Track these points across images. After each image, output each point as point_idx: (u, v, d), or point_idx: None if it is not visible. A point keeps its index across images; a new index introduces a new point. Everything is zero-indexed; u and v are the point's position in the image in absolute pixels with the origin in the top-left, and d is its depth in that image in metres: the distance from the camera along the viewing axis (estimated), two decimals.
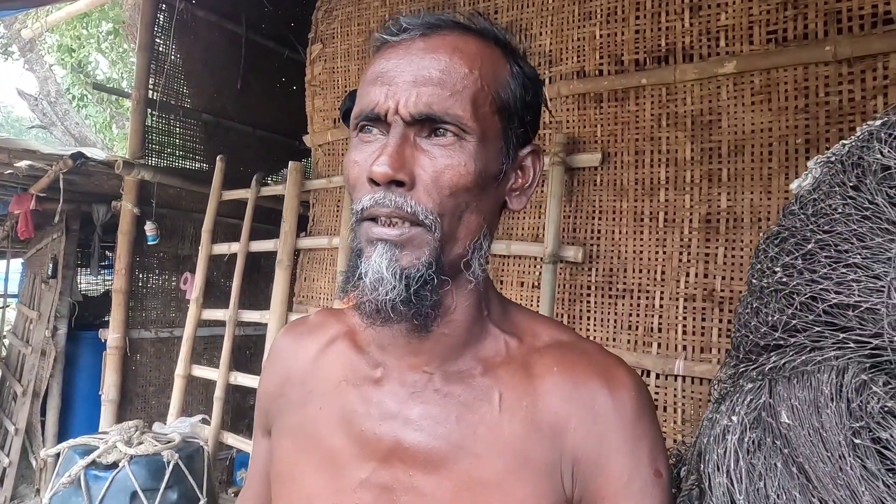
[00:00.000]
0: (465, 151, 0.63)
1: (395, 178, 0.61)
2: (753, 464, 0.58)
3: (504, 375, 0.69)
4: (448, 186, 0.62)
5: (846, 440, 0.50)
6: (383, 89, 0.63)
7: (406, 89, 0.62)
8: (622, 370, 0.70)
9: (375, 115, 0.64)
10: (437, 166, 0.62)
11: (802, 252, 0.60)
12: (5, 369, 5.70)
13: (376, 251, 0.62)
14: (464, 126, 0.63)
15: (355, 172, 0.66)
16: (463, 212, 0.64)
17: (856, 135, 0.66)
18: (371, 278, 0.62)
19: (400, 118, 0.62)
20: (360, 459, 0.69)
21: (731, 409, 0.64)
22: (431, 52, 0.64)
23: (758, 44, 2.04)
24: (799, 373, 0.57)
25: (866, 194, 0.57)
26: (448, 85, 0.62)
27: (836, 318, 0.55)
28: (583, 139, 2.38)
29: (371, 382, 0.72)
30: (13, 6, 3.84)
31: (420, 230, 0.62)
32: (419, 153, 0.63)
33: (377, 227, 0.63)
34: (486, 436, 0.66)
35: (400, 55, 0.64)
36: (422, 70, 0.63)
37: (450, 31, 0.66)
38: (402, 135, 0.62)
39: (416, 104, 0.62)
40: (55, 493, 2.37)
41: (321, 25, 3.43)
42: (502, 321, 0.74)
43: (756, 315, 0.67)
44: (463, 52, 0.64)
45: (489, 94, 0.65)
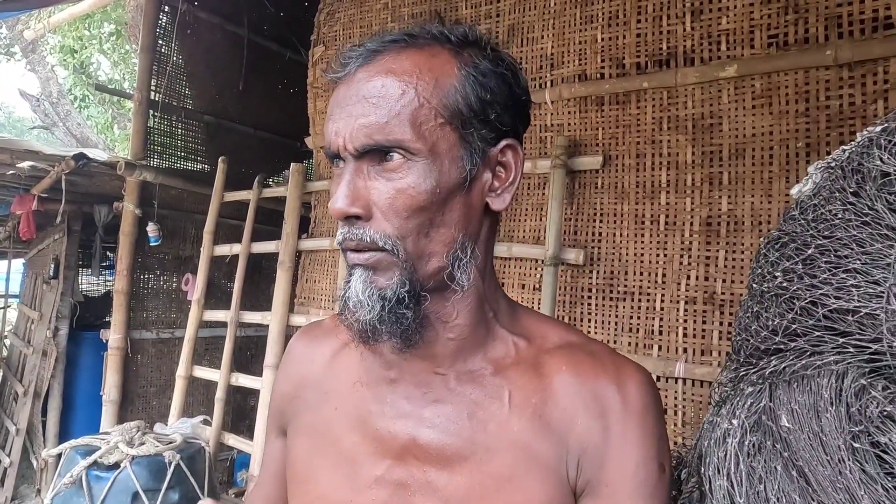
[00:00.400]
0: (414, 172, 0.64)
1: (349, 213, 0.64)
2: (754, 467, 0.59)
3: (514, 375, 0.71)
4: (403, 209, 0.64)
5: (846, 444, 0.50)
6: (333, 127, 0.66)
7: (348, 125, 0.64)
8: (631, 367, 0.72)
9: (332, 153, 0.67)
10: (389, 192, 0.64)
11: (803, 257, 0.61)
12: (6, 369, 5.71)
13: (354, 276, 0.66)
14: (408, 147, 0.63)
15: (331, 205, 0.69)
16: (428, 229, 0.66)
17: (856, 141, 0.67)
18: (352, 301, 0.66)
19: (349, 153, 0.65)
20: (376, 457, 0.71)
21: (732, 413, 0.65)
22: (367, 81, 0.64)
23: (759, 48, 2.05)
24: (799, 377, 0.57)
25: (866, 200, 0.57)
26: (384, 111, 0.63)
27: (835, 322, 0.56)
28: (584, 142, 2.38)
29: (385, 383, 0.74)
30: (16, 7, 3.86)
31: (384, 255, 0.65)
32: (372, 182, 0.65)
33: (352, 254, 0.67)
34: (497, 432, 0.68)
35: (343, 90, 0.66)
36: (359, 102, 0.64)
37: (386, 53, 0.66)
38: (354, 169, 0.65)
39: (357, 137, 0.64)
40: (57, 493, 2.37)
41: (323, 28, 3.43)
42: (511, 323, 0.75)
43: (756, 319, 0.67)
44: (395, 73, 0.64)
45: (432, 107, 0.64)
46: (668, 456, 0.70)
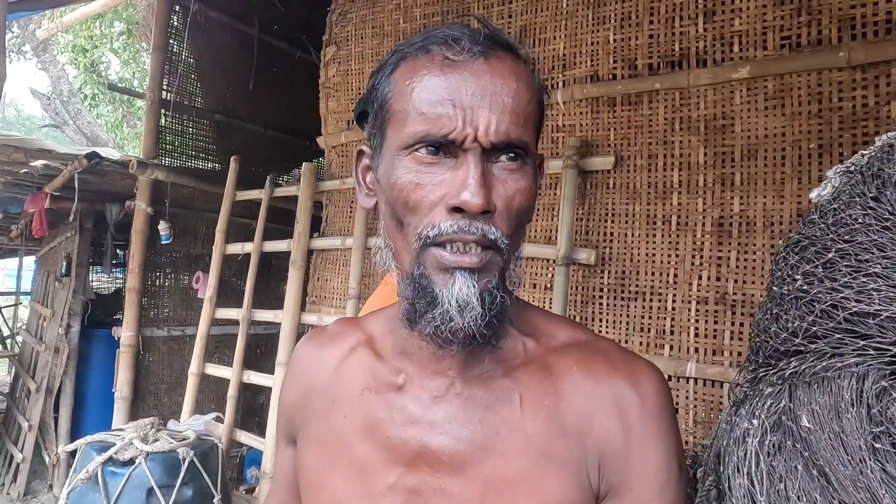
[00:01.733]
0: (528, 175, 0.66)
1: (487, 208, 0.62)
2: (774, 466, 0.60)
3: (523, 376, 0.71)
4: (517, 210, 0.65)
5: (866, 444, 0.51)
6: (458, 114, 0.62)
7: (485, 116, 0.62)
8: (642, 365, 0.72)
9: (450, 140, 0.63)
10: (509, 192, 0.64)
11: (823, 261, 0.62)
12: (19, 366, 5.76)
13: (458, 279, 0.62)
14: (528, 151, 0.65)
15: (418, 196, 0.64)
16: (519, 230, 0.68)
17: (875, 146, 0.68)
18: (456, 306, 0.62)
19: (479, 145, 0.62)
20: (387, 465, 0.70)
21: (752, 413, 0.66)
22: (500, 78, 0.64)
23: (771, 49, 2.05)
24: (819, 378, 0.58)
25: (886, 205, 0.58)
26: (519, 112, 0.64)
27: (856, 325, 0.57)
28: (596, 142, 2.39)
29: (394, 389, 0.73)
30: (31, 7, 3.90)
31: (493, 254, 0.63)
32: (493, 179, 0.64)
33: (451, 255, 0.63)
34: (509, 436, 0.68)
35: (466, 77, 0.63)
36: (496, 96, 0.63)
37: (504, 54, 0.66)
38: (481, 161, 0.63)
39: (497, 132, 0.62)
40: (73, 488, 2.41)
41: (335, 28, 3.45)
42: (519, 322, 0.75)
43: (776, 321, 0.68)
44: (524, 79, 0.66)
45: (537, 116, 0.68)
46: (683, 454, 0.71)
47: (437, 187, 0.63)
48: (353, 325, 0.85)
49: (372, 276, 3.11)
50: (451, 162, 0.64)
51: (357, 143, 3.35)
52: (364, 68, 3.31)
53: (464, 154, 0.63)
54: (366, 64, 3.30)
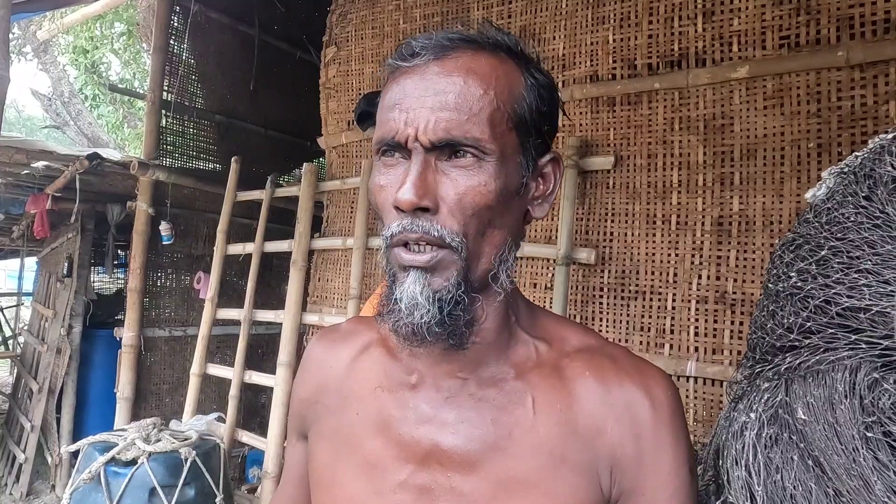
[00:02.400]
0: (485, 171, 0.65)
1: (420, 204, 0.63)
2: (771, 458, 0.62)
3: (536, 379, 0.71)
4: (471, 207, 0.64)
5: (859, 434, 0.53)
6: (402, 116, 0.65)
7: (424, 116, 0.64)
8: (653, 371, 0.73)
9: (395, 142, 0.65)
10: (459, 189, 0.64)
11: (816, 258, 0.63)
12: (21, 367, 5.78)
13: (409, 277, 0.65)
14: (483, 147, 0.64)
15: (382, 197, 0.68)
16: (486, 229, 0.66)
17: (868, 147, 0.69)
18: (406, 303, 0.64)
19: (420, 144, 0.64)
20: (399, 462, 0.71)
21: (749, 407, 0.68)
22: (446, 76, 0.65)
23: (770, 49, 2.06)
24: (814, 372, 0.60)
25: (877, 204, 0.60)
26: (465, 108, 0.64)
27: (848, 320, 0.58)
28: (596, 142, 2.41)
29: (407, 388, 0.74)
30: (32, 8, 3.91)
31: (447, 252, 0.64)
32: (441, 177, 0.65)
33: (407, 254, 0.65)
34: (522, 437, 0.68)
35: (415, 80, 0.66)
36: (438, 95, 0.64)
37: (462, 52, 0.67)
38: (423, 161, 0.64)
39: (436, 130, 0.63)
40: (75, 488, 2.42)
41: (336, 28, 3.47)
42: (531, 326, 0.76)
43: (772, 318, 0.70)
44: (476, 73, 0.65)
45: (505, 111, 0.66)
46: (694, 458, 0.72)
47: (392, 188, 0.66)
48: (366, 324, 0.86)
49: (373, 276, 3.12)
50: (406, 164, 0.66)
51: (357, 144, 3.37)
52: (364, 69, 3.32)
53: (411, 155, 0.65)
54: (366, 64, 3.31)
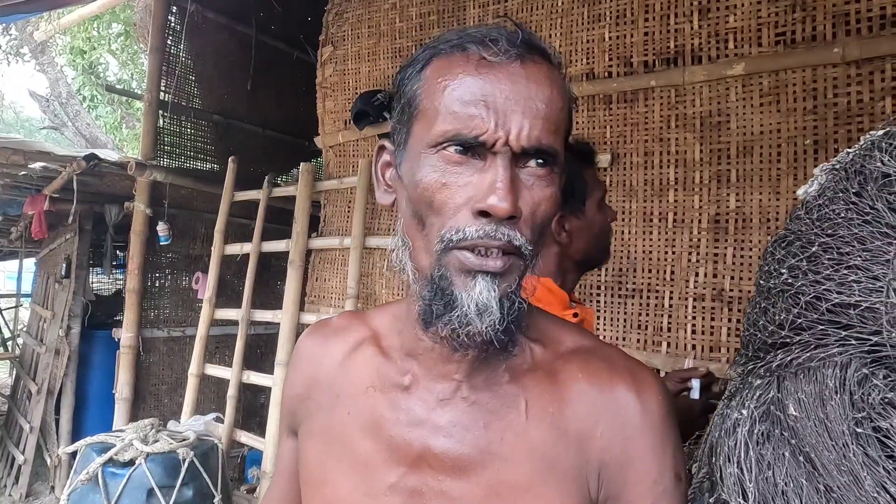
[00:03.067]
0: (554, 183, 0.65)
1: (514, 213, 0.61)
2: (763, 454, 0.61)
3: (530, 383, 0.71)
4: (541, 217, 0.64)
5: (849, 429, 0.53)
6: (491, 116, 0.61)
7: (517, 120, 0.61)
8: (646, 375, 0.72)
9: (480, 142, 0.61)
10: (535, 199, 0.63)
11: (807, 254, 0.63)
12: (20, 368, 5.78)
13: (479, 283, 0.62)
14: (557, 159, 0.64)
15: (443, 196, 0.63)
16: (542, 238, 0.66)
17: (859, 143, 0.69)
18: (475, 310, 0.61)
19: (510, 149, 0.61)
20: (390, 464, 0.70)
21: (741, 404, 0.67)
22: (535, 83, 0.62)
23: (766, 46, 2.06)
24: (805, 368, 0.60)
25: (867, 200, 0.60)
26: (552, 119, 0.63)
27: (838, 316, 0.58)
28: (592, 140, 2.41)
29: (399, 389, 0.73)
30: (27, 9, 3.90)
31: (515, 259, 0.63)
32: (520, 185, 0.63)
33: (475, 258, 0.62)
34: (514, 441, 0.68)
35: (502, 80, 0.62)
36: (529, 101, 0.62)
37: (541, 59, 0.65)
38: (510, 166, 0.61)
39: (529, 137, 0.61)
40: (73, 489, 2.42)
41: (332, 28, 3.47)
42: (527, 328, 0.73)
43: (764, 314, 0.70)
44: (557, 85, 0.65)
45: (567, 127, 0.67)
46: (684, 462, 0.71)
47: (463, 189, 0.62)
48: (358, 320, 0.85)
49: (370, 275, 3.12)
50: (479, 164, 0.62)
51: (354, 143, 3.37)
52: (360, 68, 3.32)
53: (493, 157, 0.62)
54: (362, 63, 3.31)
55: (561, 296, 1.41)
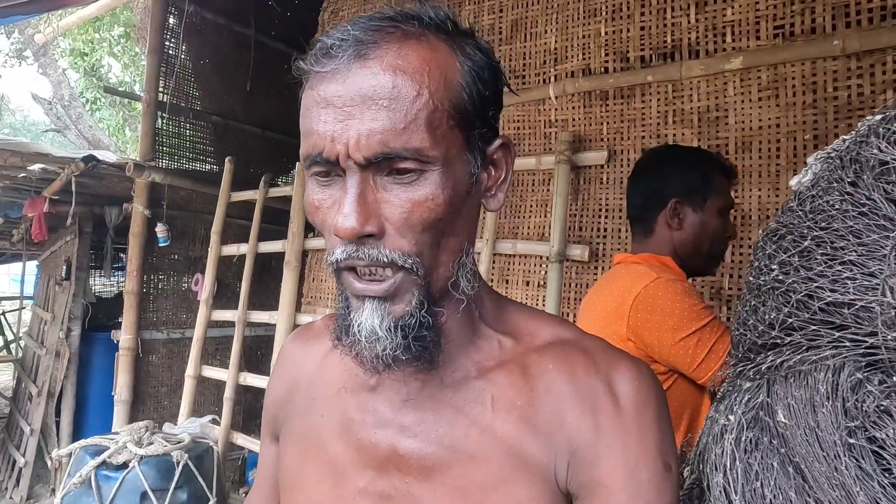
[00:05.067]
0: (430, 182, 0.58)
1: (363, 232, 0.57)
2: (750, 463, 0.58)
3: (499, 377, 0.67)
4: (420, 223, 0.58)
5: (841, 440, 0.49)
6: (328, 130, 0.57)
7: (354, 129, 0.56)
8: (625, 362, 0.67)
9: (325, 159, 0.58)
10: (405, 207, 0.58)
11: (799, 249, 0.59)
12: (21, 370, 5.77)
13: (366, 309, 0.60)
14: (424, 157, 0.57)
15: (319, 218, 0.62)
16: (440, 240, 0.61)
17: (855, 130, 0.65)
18: (366, 335, 0.60)
19: (353, 162, 0.57)
20: (359, 467, 0.68)
21: (729, 409, 0.64)
22: (371, 78, 0.57)
23: (764, 39, 2.02)
24: (795, 372, 0.56)
25: (863, 190, 0.56)
26: (399, 115, 0.56)
27: (831, 316, 0.54)
28: (588, 137, 2.37)
29: (367, 390, 0.71)
30: (27, 10, 3.89)
31: (402, 275, 0.59)
32: (382, 194, 0.58)
33: (360, 283, 0.60)
34: (479, 438, 0.65)
35: (336, 87, 0.58)
36: (363, 103, 0.56)
37: (386, 45, 0.58)
38: (360, 180, 0.58)
39: (369, 145, 0.56)
40: (66, 492, 2.40)
41: (328, 26, 3.44)
42: (496, 321, 0.71)
43: (754, 313, 0.66)
44: (406, 72, 0.57)
45: (444, 109, 0.59)
46: (674, 453, 0.66)
47: (330, 210, 0.60)
48: None
49: None
50: (342, 181, 0.59)
51: None
52: None
53: (345, 174, 0.58)
54: None
55: (678, 271, 1.44)
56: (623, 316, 1.36)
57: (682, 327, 1.30)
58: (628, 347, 1.35)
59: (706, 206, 1.43)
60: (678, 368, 1.34)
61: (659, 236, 1.47)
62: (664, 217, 1.45)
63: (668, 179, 1.47)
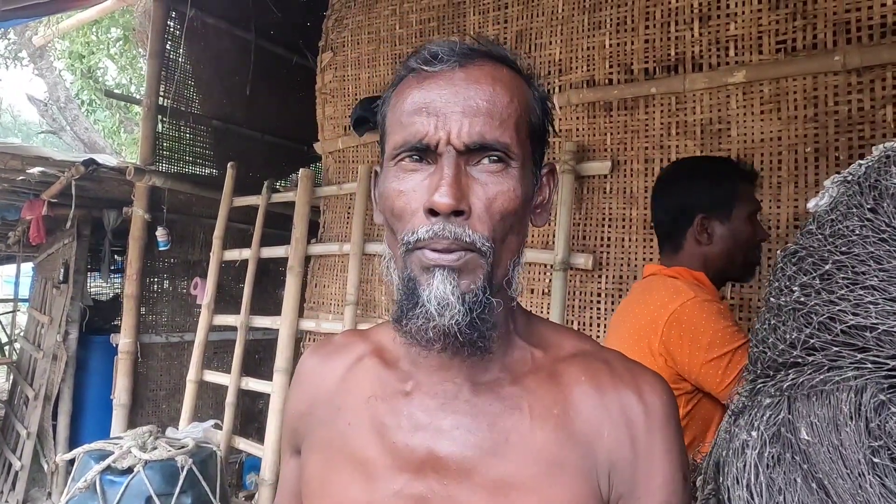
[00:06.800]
0: (511, 177, 0.66)
1: (458, 207, 0.63)
2: (773, 478, 0.60)
3: (531, 385, 0.71)
4: (499, 212, 0.65)
5: (865, 458, 0.51)
6: (431, 120, 0.65)
7: (457, 119, 0.64)
8: (648, 375, 0.73)
9: (424, 145, 0.65)
10: (489, 193, 0.65)
11: (820, 272, 0.62)
12: (17, 373, 5.75)
13: (436, 277, 0.63)
14: (510, 153, 0.66)
15: (401, 203, 0.67)
16: (507, 234, 0.67)
17: (872, 155, 0.68)
18: (435, 304, 0.63)
19: (453, 148, 0.64)
20: (393, 471, 0.70)
21: (751, 425, 0.66)
22: (474, 83, 0.66)
23: (767, 53, 2.06)
24: (818, 391, 0.58)
25: (883, 217, 0.58)
26: (495, 114, 0.65)
27: (854, 338, 0.57)
28: (592, 147, 2.40)
29: (401, 396, 0.74)
30: (27, 14, 3.89)
31: (474, 255, 0.64)
32: (471, 181, 0.65)
33: (431, 253, 0.64)
34: (519, 443, 0.68)
35: (441, 86, 0.66)
36: (468, 100, 0.65)
37: (483, 61, 0.68)
38: (455, 164, 0.64)
39: (470, 134, 0.64)
40: (71, 497, 2.40)
41: (332, 34, 3.46)
42: (527, 333, 0.76)
43: (774, 332, 0.68)
44: (502, 82, 0.67)
45: (525, 120, 0.68)
46: (687, 463, 0.72)
47: (416, 193, 0.66)
48: (360, 337, 0.86)
49: (370, 282, 3.11)
50: (431, 168, 0.66)
51: (354, 149, 3.35)
52: (360, 74, 3.31)
53: (440, 159, 0.65)
54: (362, 69, 3.30)
55: (712, 288, 1.46)
56: (657, 331, 1.38)
57: (714, 348, 1.31)
58: (658, 363, 1.37)
59: (732, 217, 1.45)
60: (706, 388, 1.35)
61: (689, 252, 1.49)
62: (692, 233, 1.47)
63: (691, 195, 1.48)
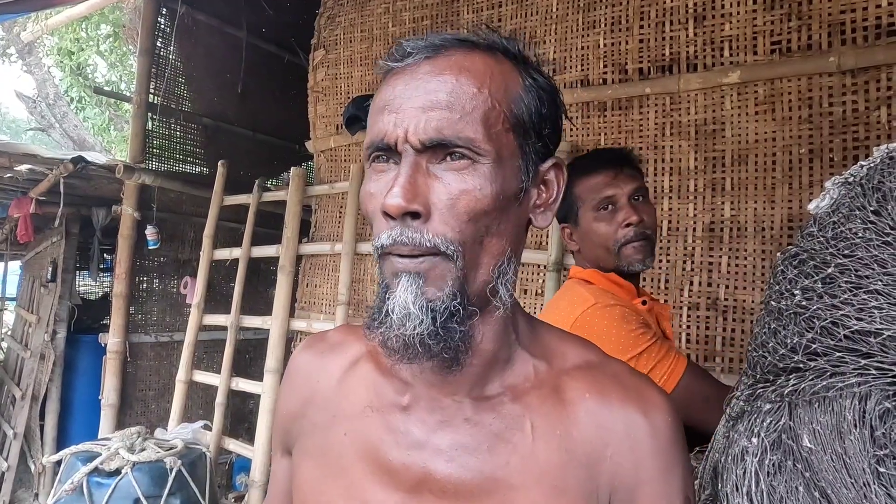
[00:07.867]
0: (479, 174, 0.61)
1: (409, 209, 0.59)
2: (774, 486, 0.59)
3: (534, 402, 0.68)
4: (465, 212, 0.60)
5: (870, 467, 0.50)
6: (391, 118, 0.62)
7: (414, 116, 0.60)
8: (654, 393, 0.69)
9: (385, 144, 0.62)
10: (452, 192, 0.60)
11: (822, 276, 0.61)
12: (4, 373, 5.68)
13: (400, 285, 0.60)
14: (476, 148, 0.61)
15: (372, 206, 0.64)
16: (483, 237, 0.62)
17: (874, 157, 0.67)
18: (398, 314, 0.60)
19: (410, 146, 0.61)
20: (388, 489, 0.67)
21: (750, 430, 0.65)
22: (437, 75, 0.62)
23: (762, 54, 2.05)
24: (820, 397, 0.57)
25: (887, 220, 0.57)
26: (457, 107, 0.60)
27: (857, 344, 0.55)
28: (586, 147, 2.38)
29: (398, 409, 0.70)
30: (15, 9, 3.84)
31: (440, 259, 0.60)
32: (433, 180, 0.61)
33: (399, 259, 0.61)
34: (521, 466, 0.65)
35: (405, 81, 0.63)
36: (429, 94, 0.61)
37: (454, 51, 0.64)
38: (413, 163, 0.61)
39: (426, 130, 0.60)
40: (58, 500, 2.36)
41: (324, 32, 3.43)
42: (531, 343, 0.72)
43: (774, 336, 0.67)
44: (470, 71, 0.62)
45: (501, 111, 0.63)
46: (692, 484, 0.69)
47: (381, 194, 0.63)
48: (355, 334, 0.81)
49: (361, 281, 3.09)
50: (396, 169, 0.62)
51: (346, 148, 3.33)
52: (353, 72, 3.29)
53: (401, 158, 0.62)
54: (354, 68, 3.28)
55: (628, 286, 1.45)
56: None
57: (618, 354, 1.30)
58: None
59: (580, 219, 1.44)
60: None
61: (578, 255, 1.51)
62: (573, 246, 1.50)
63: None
